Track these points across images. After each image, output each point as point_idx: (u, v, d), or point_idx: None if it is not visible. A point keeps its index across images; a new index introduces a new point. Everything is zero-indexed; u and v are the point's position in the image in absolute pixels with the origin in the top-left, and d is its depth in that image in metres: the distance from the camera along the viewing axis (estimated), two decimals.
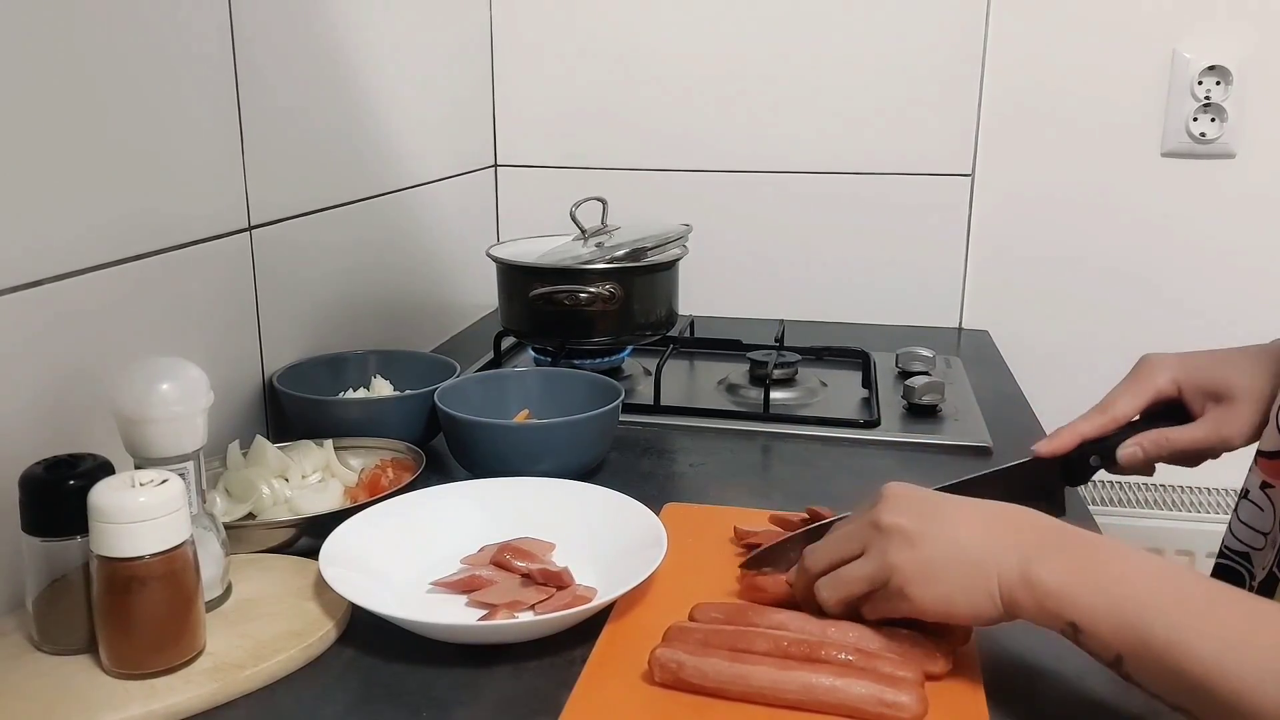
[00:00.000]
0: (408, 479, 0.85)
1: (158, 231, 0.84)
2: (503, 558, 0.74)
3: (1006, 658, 0.66)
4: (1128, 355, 0.82)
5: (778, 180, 1.53)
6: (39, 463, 0.64)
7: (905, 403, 1.13)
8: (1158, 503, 1.47)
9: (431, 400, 0.96)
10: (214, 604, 0.69)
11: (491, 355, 1.26)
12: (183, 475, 0.64)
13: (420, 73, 1.34)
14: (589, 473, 0.93)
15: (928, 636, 0.63)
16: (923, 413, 1.11)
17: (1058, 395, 1.30)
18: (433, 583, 0.73)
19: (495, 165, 1.61)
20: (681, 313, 1.27)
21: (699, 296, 1.44)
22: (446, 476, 0.89)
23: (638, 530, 0.77)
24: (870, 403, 1.16)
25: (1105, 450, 0.76)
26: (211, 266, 0.92)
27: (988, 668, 0.64)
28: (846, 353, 1.27)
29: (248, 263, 0.97)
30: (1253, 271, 1.45)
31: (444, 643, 0.67)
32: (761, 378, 1.16)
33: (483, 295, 1.50)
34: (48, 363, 0.73)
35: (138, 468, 0.64)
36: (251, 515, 0.82)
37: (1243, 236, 1.44)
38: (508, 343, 1.28)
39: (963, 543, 0.60)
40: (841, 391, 1.20)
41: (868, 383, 1.21)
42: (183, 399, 0.66)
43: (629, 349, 1.26)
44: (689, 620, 0.68)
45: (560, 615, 0.66)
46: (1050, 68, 1.44)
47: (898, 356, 1.26)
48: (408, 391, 1.02)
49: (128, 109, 0.80)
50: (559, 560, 0.75)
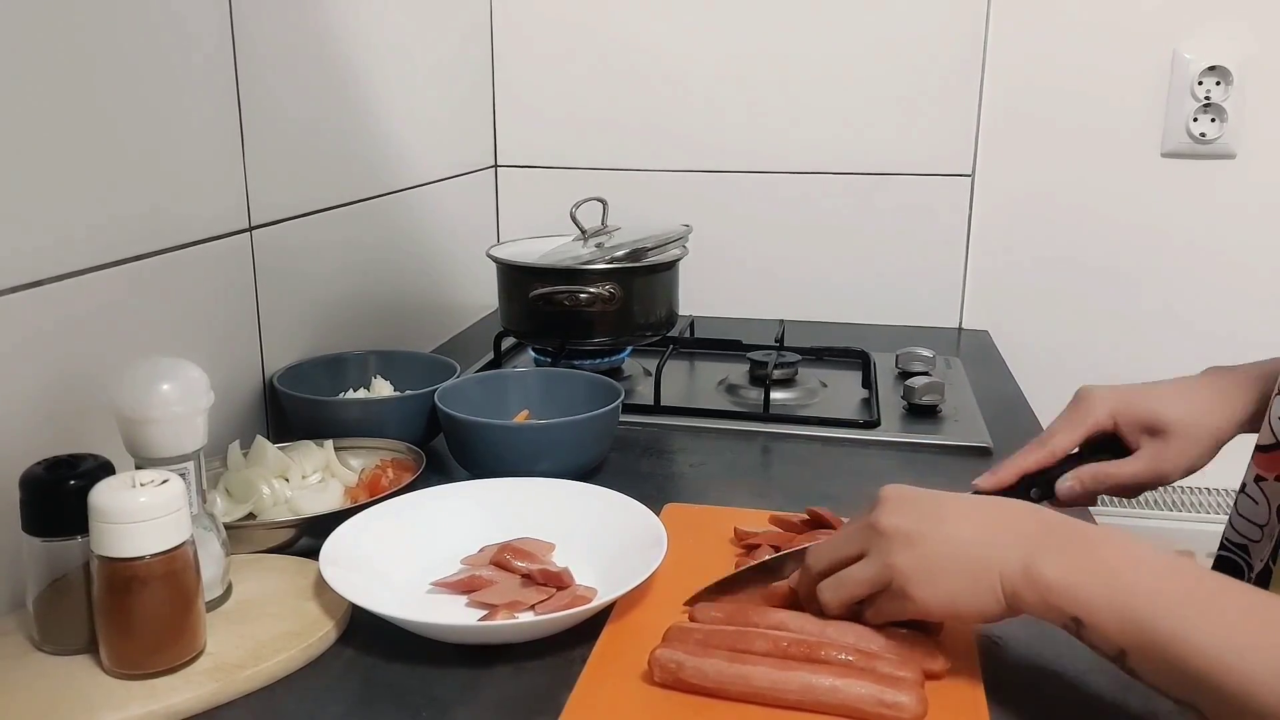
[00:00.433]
0: (408, 479, 0.85)
1: (158, 231, 0.85)
2: (503, 558, 0.74)
3: (1006, 657, 0.66)
4: (1127, 355, 0.82)
5: (778, 180, 1.53)
6: (39, 463, 0.64)
7: (905, 403, 1.13)
8: (1157, 503, 1.47)
9: (432, 400, 0.96)
10: (214, 604, 0.69)
11: (491, 355, 1.27)
12: (183, 475, 0.64)
13: (421, 73, 1.34)
14: (589, 473, 0.93)
15: (927, 636, 0.63)
16: (923, 413, 1.11)
17: (1058, 395, 1.30)
18: (433, 583, 0.73)
19: (495, 165, 1.62)
20: (681, 313, 1.27)
21: (699, 297, 1.44)
22: (446, 477, 0.89)
23: (638, 530, 0.77)
24: (870, 403, 1.16)
25: (1045, 484, 0.78)
26: (212, 267, 0.92)
27: (988, 667, 0.64)
28: (846, 353, 1.27)
29: (248, 263, 0.97)
30: (1253, 272, 1.45)
31: (444, 643, 0.67)
32: (761, 378, 1.16)
33: (483, 295, 1.50)
34: (48, 363, 0.73)
35: (138, 468, 0.64)
36: (252, 515, 0.82)
37: (1243, 237, 1.44)
38: (508, 343, 1.28)
39: (963, 540, 0.60)
40: (841, 392, 1.20)
41: (868, 383, 1.21)
42: (183, 399, 0.66)
43: (629, 349, 1.26)
44: (689, 620, 0.68)
45: (560, 615, 0.66)
46: (1050, 68, 1.44)
47: (898, 357, 1.26)
48: (408, 392, 1.02)
49: (128, 109, 0.81)
50: (559, 560, 0.75)
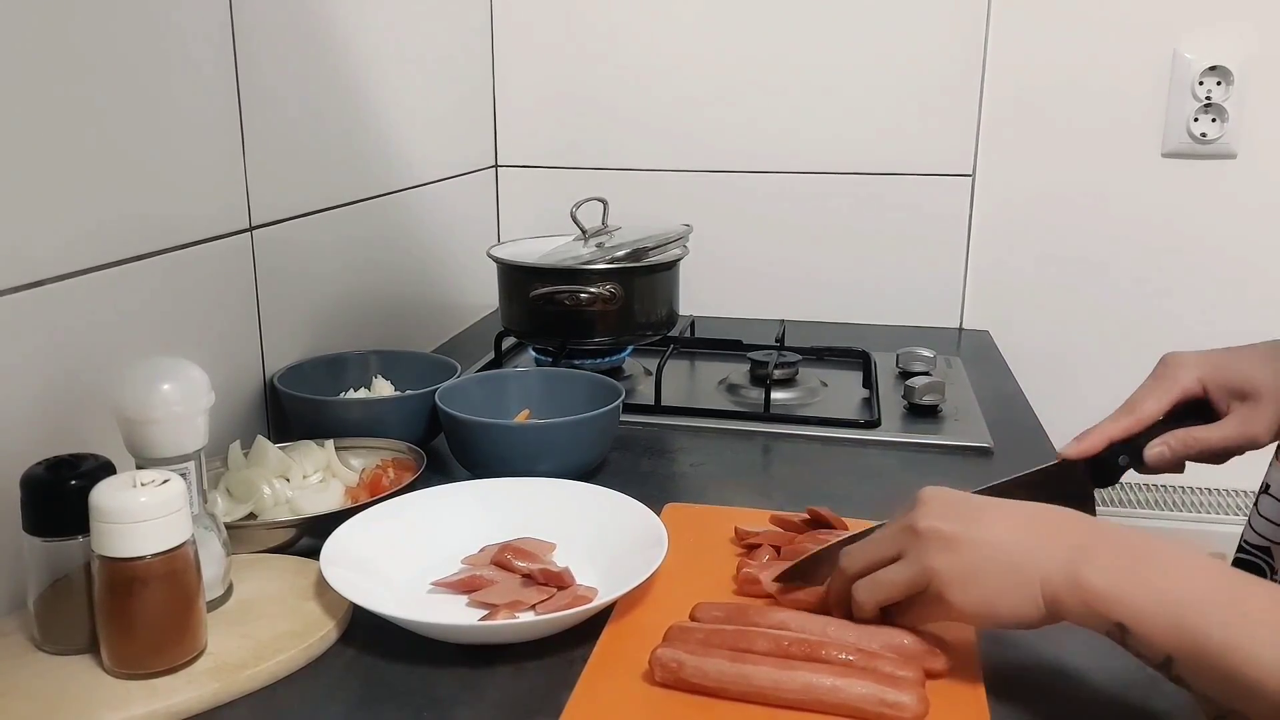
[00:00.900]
0: (408, 479, 0.85)
1: (159, 232, 0.85)
2: (503, 558, 0.74)
3: (1007, 657, 0.66)
4: (1128, 355, 0.82)
5: (778, 180, 1.53)
6: (40, 463, 0.64)
7: (906, 403, 1.13)
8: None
9: (432, 400, 0.96)
10: (215, 604, 0.69)
11: (492, 355, 1.27)
12: (184, 475, 0.64)
13: (421, 73, 1.34)
14: (589, 473, 0.93)
15: (929, 635, 0.63)
16: (923, 413, 1.11)
17: (1058, 395, 1.31)
18: (433, 583, 0.73)
19: (496, 165, 1.61)
20: (682, 313, 1.27)
21: (699, 296, 1.44)
22: (447, 476, 0.89)
23: (638, 530, 0.77)
24: (871, 403, 1.16)
25: (1133, 451, 0.76)
26: (212, 267, 0.92)
27: (988, 667, 0.64)
28: (847, 353, 1.27)
29: (249, 263, 0.97)
30: (1253, 271, 1.45)
31: (445, 643, 0.67)
32: (762, 378, 1.16)
33: (483, 295, 1.50)
34: (49, 363, 0.73)
35: (139, 468, 0.65)
36: (252, 515, 0.82)
37: (1244, 237, 1.44)
38: (508, 343, 1.28)
39: (1003, 545, 0.59)
40: (842, 392, 1.20)
41: (868, 383, 1.21)
42: (184, 399, 0.66)
43: (629, 349, 1.26)
44: (690, 620, 0.68)
45: (561, 615, 0.66)
46: (1051, 68, 1.44)
47: (898, 357, 1.26)
48: (408, 392, 1.02)
49: (128, 109, 0.80)
50: (560, 560, 0.75)
